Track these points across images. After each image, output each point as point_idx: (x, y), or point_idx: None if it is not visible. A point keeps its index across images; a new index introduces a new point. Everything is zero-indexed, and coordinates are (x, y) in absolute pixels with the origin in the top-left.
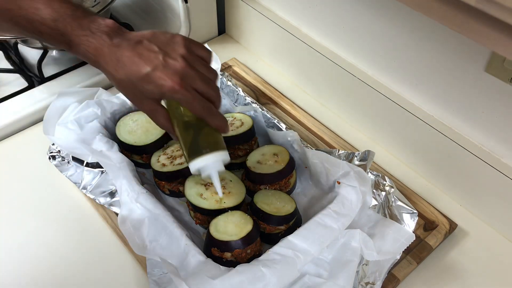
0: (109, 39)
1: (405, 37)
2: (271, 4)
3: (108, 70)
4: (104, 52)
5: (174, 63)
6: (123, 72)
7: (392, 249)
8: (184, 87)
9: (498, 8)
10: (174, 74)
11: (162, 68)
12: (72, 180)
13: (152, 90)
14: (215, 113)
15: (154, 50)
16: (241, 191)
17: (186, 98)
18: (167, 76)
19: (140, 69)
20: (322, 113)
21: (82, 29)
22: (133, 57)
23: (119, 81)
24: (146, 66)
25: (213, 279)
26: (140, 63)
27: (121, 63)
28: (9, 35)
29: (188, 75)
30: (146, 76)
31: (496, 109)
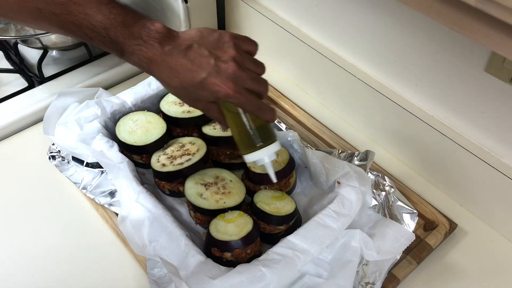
0: (161, 47)
1: (405, 37)
2: (271, 4)
3: (162, 79)
4: (157, 61)
5: (226, 67)
6: (177, 81)
7: (392, 249)
8: (237, 91)
9: (498, 8)
10: (227, 79)
11: (215, 74)
12: (72, 180)
13: (207, 96)
14: (264, 107)
15: (205, 55)
16: (241, 191)
17: (239, 101)
18: (221, 83)
19: (194, 77)
20: (322, 113)
21: (134, 38)
22: (186, 65)
23: (174, 88)
24: (200, 74)
25: (213, 279)
26: (193, 70)
27: (174, 72)
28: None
29: (240, 78)
30: (200, 84)
31: (496, 109)
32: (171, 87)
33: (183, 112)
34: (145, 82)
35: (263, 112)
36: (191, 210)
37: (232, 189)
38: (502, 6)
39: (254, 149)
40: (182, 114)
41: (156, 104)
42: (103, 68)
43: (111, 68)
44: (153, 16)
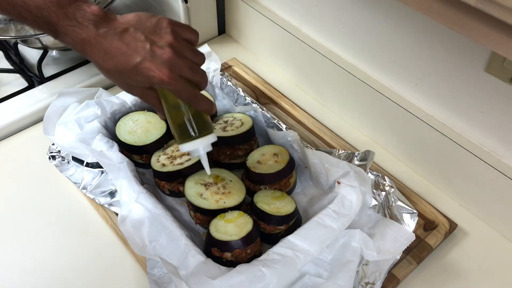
0: (96, 29)
1: (405, 37)
2: (271, 4)
3: (96, 61)
4: (91, 43)
5: (161, 52)
6: (111, 63)
7: (392, 249)
8: (172, 78)
9: (498, 8)
10: (163, 65)
11: (150, 59)
12: (72, 180)
13: (142, 81)
14: (201, 98)
15: (141, 39)
16: (241, 191)
17: (174, 88)
18: (156, 68)
19: (128, 61)
20: (322, 113)
21: (68, 19)
22: (120, 48)
23: (108, 71)
24: (134, 58)
25: (213, 279)
26: (128, 54)
27: (108, 54)
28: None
29: (176, 64)
30: (134, 67)
31: (496, 109)
32: (106, 70)
33: None
34: None
35: (198, 101)
36: (191, 210)
37: (232, 189)
38: (502, 6)
39: (190, 139)
40: None
41: None
42: None
43: None
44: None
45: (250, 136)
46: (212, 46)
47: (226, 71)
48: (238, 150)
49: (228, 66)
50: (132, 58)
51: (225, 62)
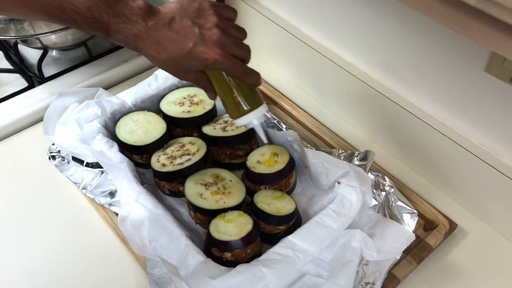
0: (145, 22)
1: (405, 37)
2: (271, 4)
3: (150, 54)
4: (143, 37)
5: (211, 34)
6: (165, 54)
7: (392, 249)
8: (225, 57)
9: (498, 8)
10: (214, 46)
11: (201, 43)
12: (72, 180)
13: (197, 65)
14: (250, 72)
15: (189, 25)
16: (241, 191)
17: (227, 66)
18: (209, 50)
19: (181, 48)
20: (322, 113)
21: (118, 16)
22: (171, 37)
23: (163, 62)
24: (186, 44)
25: (213, 279)
26: (180, 42)
27: (161, 45)
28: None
29: (225, 43)
30: (188, 53)
31: (496, 109)
32: (160, 61)
33: (183, 112)
34: (145, 82)
35: (249, 76)
36: (191, 210)
37: (232, 189)
38: (502, 6)
39: (243, 113)
40: (182, 114)
41: (156, 104)
42: (103, 68)
43: (111, 68)
44: None
45: (250, 136)
46: None
47: None
48: (238, 150)
49: None
50: (185, 45)
51: None
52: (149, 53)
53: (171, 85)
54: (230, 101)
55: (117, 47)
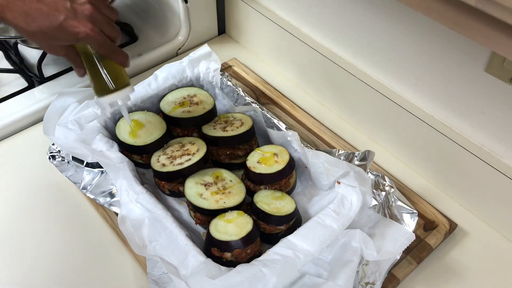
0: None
1: (405, 37)
2: (271, 4)
3: (18, 25)
4: (9, 6)
5: (83, 9)
6: (35, 25)
7: (392, 249)
8: (96, 32)
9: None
10: (86, 20)
11: (73, 17)
12: (72, 180)
13: (67, 38)
14: (118, 51)
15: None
16: (241, 191)
17: (97, 41)
18: (80, 24)
19: (52, 21)
20: (322, 113)
21: None
22: (41, 9)
23: (32, 34)
24: (58, 17)
25: (213, 279)
26: (50, 14)
27: (30, 16)
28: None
29: (97, 19)
30: (59, 26)
31: (496, 109)
32: (29, 33)
33: (183, 112)
34: (145, 82)
35: (116, 55)
36: (191, 210)
37: (232, 189)
38: (502, 6)
39: (108, 92)
40: (182, 114)
41: (156, 104)
42: None
43: None
44: (153, 16)
45: (250, 136)
46: (212, 46)
47: (226, 71)
48: (238, 150)
49: (228, 66)
50: (55, 17)
51: (225, 62)
52: (17, 24)
53: (171, 85)
54: (97, 79)
55: None
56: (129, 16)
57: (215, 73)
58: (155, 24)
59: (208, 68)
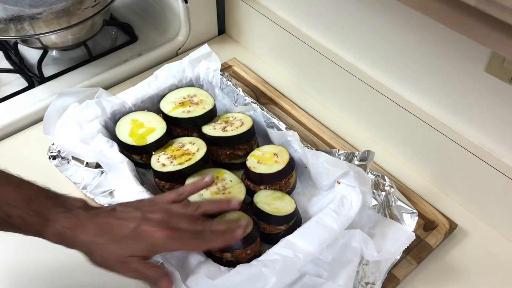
0: (86, 212)
1: (405, 37)
2: (271, 4)
3: (87, 240)
4: (83, 223)
5: (154, 216)
6: (106, 236)
7: (392, 249)
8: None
9: (498, 8)
10: (158, 225)
11: (145, 223)
12: (72, 180)
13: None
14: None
15: (130, 211)
16: (242, 191)
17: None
18: (154, 227)
19: (123, 228)
20: (322, 113)
21: (58, 207)
22: (113, 222)
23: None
24: (129, 224)
25: (213, 279)
26: (122, 224)
27: (102, 228)
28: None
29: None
30: (131, 232)
31: (496, 109)
32: (99, 243)
33: (183, 112)
34: (145, 82)
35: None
36: None
37: (232, 189)
38: (502, 6)
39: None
40: (182, 114)
41: (156, 104)
42: (103, 68)
43: (111, 68)
44: (153, 16)
45: (250, 136)
46: (212, 46)
47: (226, 71)
48: (238, 150)
49: (228, 66)
50: (127, 225)
51: (225, 62)
52: (87, 238)
53: (171, 85)
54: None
55: (117, 47)
56: (129, 16)
57: (215, 73)
58: (155, 24)
59: (208, 68)
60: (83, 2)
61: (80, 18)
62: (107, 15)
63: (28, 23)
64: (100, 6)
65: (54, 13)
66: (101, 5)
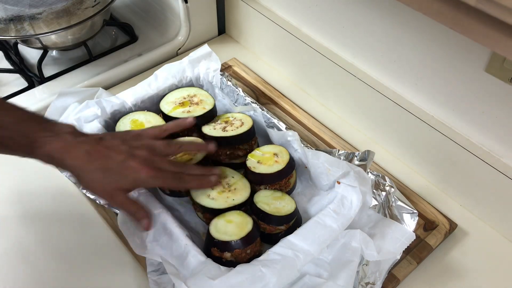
0: (73, 137)
1: (405, 37)
2: (271, 4)
3: (76, 165)
4: (71, 149)
5: (139, 153)
6: (96, 163)
7: (392, 249)
8: (156, 171)
9: (498, 8)
10: (143, 163)
11: (132, 158)
12: (72, 180)
13: (128, 176)
14: (187, 178)
15: (118, 143)
16: (246, 185)
17: (159, 177)
18: (139, 165)
19: (112, 159)
20: (322, 113)
21: (46, 131)
22: (101, 151)
23: (91, 172)
24: (117, 157)
25: (213, 279)
26: (111, 154)
27: (91, 155)
28: None
29: (153, 161)
30: (119, 165)
31: (496, 109)
32: (88, 170)
33: (183, 112)
34: (145, 82)
35: (187, 182)
36: (199, 211)
37: (237, 185)
38: (502, 6)
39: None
40: (182, 114)
41: (156, 104)
42: (103, 68)
43: (111, 68)
44: (153, 16)
45: (250, 136)
46: (212, 46)
47: (226, 71)
48: (238, 150)
49: (228, 66)
50: (115, 158)
51: (225, 62)
52: (76, 163)
53: (171, 85)
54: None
55: (117, 47)
56: (129, 16)
57: (215, 73)
58: (155, 24)
59: (208, 68)
60: (83, 2)
61: (80, 18)
62: (107, 15)
63: (28, 23)
64: (100, 6)
65: (54, 13)
66: (101, 5)
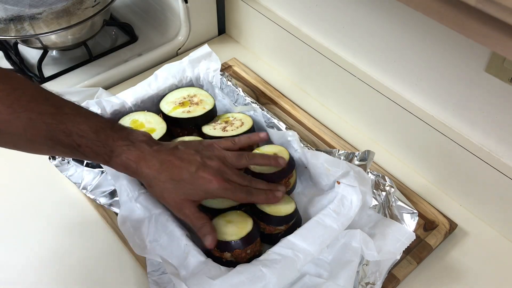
0: (149, 147)
1: (405, 37)
2: (271, 4)
3: (150, 174)
4: (146, 158)
5: (212, 164)
6: (167, 173)
7: (392, 249)
8: (226, 182)
9: (498, 8)
10: (215, 173)
11: (203, 168)
12: (72, 180)
13: (198, 187)
14: (255, 193)
15: (191, 153)
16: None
17: (229, 189)
18: (210, 176)
19: (184, 170)
20: (322, 113)
21: (123, 140)
22: (174, 160)
23: (163, 183)
24: (189, 168)
25: (213, 279)
26: (183, 166)
27: (164, 165)
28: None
29: (225, 172)
30: (190, 176)
31: (496, 109)
32: (160, 180)
33: (183, 112)
34: (145, 82)
35: (256, 197)
36: None
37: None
38: (502, 6)
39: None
40: (182, 114)
41: (156, 104)
42: (103, 68)
43: (111, 68)
44: (153, 16)
45: None
46: (212, 46)
47: (226, 71)
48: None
49: (228, 66)
50: (187, 168)
51: (225, 62)
52: (149, 173)
53: (171, 85)
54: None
55: (117, 47)
56: (129, 16)
57: (215, 73)
58: (155, 24)
59: (208, 68)
60: (83, 2)
61: (80, 18)
62: (107, 15)
63: (28, 23)
64: (100, 6)
65: (54, 13)
66: (101, 5)
